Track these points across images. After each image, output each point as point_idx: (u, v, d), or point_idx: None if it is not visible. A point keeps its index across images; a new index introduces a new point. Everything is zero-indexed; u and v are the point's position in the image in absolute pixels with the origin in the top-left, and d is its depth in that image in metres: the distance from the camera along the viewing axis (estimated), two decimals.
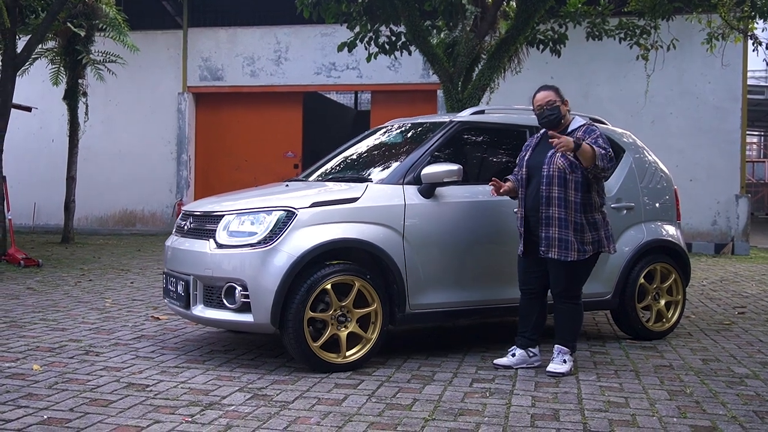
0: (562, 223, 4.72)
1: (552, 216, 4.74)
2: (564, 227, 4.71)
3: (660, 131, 15.01)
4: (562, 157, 4.71)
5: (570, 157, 4.69)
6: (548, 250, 4.76)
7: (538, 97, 4.93)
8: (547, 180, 4.73)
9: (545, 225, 4.75)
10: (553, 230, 4.73)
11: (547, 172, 4.74)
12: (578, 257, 4.74)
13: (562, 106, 4.88)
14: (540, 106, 4.90)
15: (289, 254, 4.62)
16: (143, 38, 16.29)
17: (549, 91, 4.91)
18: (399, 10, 10.05)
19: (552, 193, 4.73)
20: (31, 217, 17.03)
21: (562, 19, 11.82)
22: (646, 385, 4.55)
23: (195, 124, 17.06)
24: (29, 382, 4.35)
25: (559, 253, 4.73)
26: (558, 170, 4.71)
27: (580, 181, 4.72)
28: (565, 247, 4.72)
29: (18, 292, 7.77)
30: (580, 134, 4.77)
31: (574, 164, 4.70)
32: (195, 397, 4.14)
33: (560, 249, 4.73)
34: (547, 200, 4.74)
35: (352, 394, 4.26)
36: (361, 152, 5.93)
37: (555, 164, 4.72)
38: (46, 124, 16.98)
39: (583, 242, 4.74)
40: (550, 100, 4.86)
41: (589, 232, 4.77)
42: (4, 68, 10.73)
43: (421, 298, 5.04)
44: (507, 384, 4.54)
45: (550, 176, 4.73)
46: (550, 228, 4.74)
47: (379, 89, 16.44)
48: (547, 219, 4.74)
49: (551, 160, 4.75)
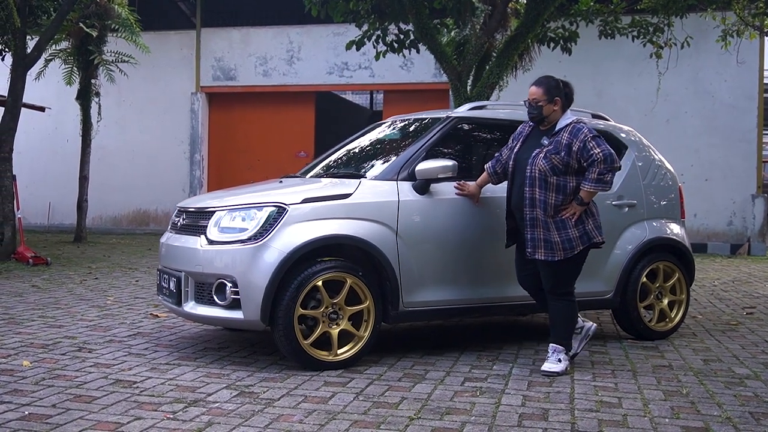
0: (545, 225, 4.66)
1: (536, 217, 4.68)
2: (547, 228, 4.65)
3: (675, 130, 14.83)
4: (544, 158, 4.64)
5: (554, 161, 4.62)
6: (534, 251, 4.69)
7: (530, 90, 4.84)
8: (530, 181, 4.67)
9: (530, 226, 4.69)
10: (538, 231, 4.67)
11: (530, 173, 4.68)
12: (565, 255, 4.66)
13: (548, 106, 4.76)
14: (527, 101, 4.83)
15: (279, 251, 4.58)
16: (157, 38, 16.38)
17: (539, 87, 4.79)
18: (407, 8, 9.99)
19: (534, 195, 4.67)
20: (45, 216, 17.15)
21: (572, 17, 11.71)
22: (642, 385, 4.46)
23: (208, 123, 17.10)
24: (17, 378, 4.33)
25: (545, 254, 4.66)
26: (539, 172, 4.65)
27: (564, 182, 4.65)
28: (550, 247, 4.65)
29: (22, 290, 7.80)
30: (566, 136, 4.67)
31: (556, 167, 4.64)
32: (180, 394, 4.10)
33: (546, 250, 4.66)
34: (530, 201, 4.68)
35: (340, 392, 4.20)
36: (359, 148, 5.88)
37: (537, 165, 4.66)
38: (60, 124, 17.10)
39: (569, 239, 4.66)
40: (535, 98, 4.77)
41: (573, 227, 4.67)
42: (15, 68, 10.80)
43: (415, 295, 4.97)
44: (500, 383, 4.46)
45: (532, 178, 4.67)
46: (535, 229, 4.68)
47: (391, 89, 16.40)
48: (532, 220, 4.68)
49: (534, 161, 4.68)
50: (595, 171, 4.58)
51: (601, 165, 4.57)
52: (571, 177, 4.67)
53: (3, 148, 10.54)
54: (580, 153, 4.60)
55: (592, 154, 4.58)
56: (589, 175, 4.60)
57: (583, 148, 4.60)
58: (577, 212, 4.67)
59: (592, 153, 4.58)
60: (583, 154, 4.60)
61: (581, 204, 4.67)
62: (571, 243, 4.67)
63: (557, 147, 4.65)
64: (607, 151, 4.60)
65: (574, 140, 4.63)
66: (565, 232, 4.66)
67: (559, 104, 4.78)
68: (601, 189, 4.66)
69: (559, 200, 4.66)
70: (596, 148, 4.59)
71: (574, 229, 4.68)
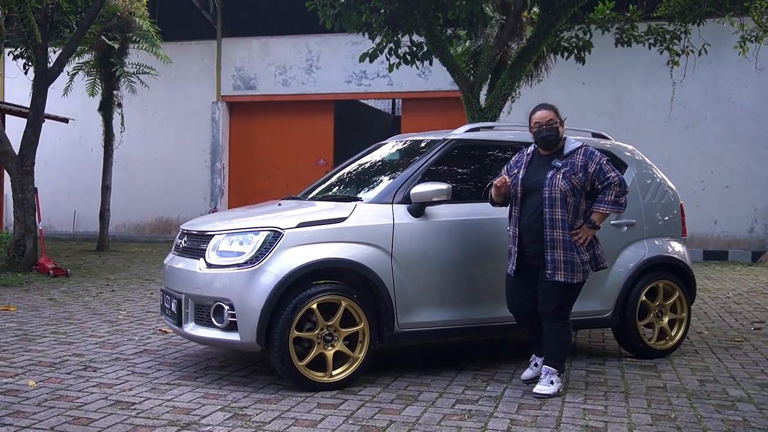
0: (567, 245, 4.70)
1: (556, 238, 4.71)
2: (569, 249, 4.70)
3: (694, 137, 14.73)
4: (563, 179, 4.70)
5: (573, 181, 4.69)
6: (555, 273, 4.72)
7: (537, 115, 4.88)
8: (550, 202, 4.71)
9: (551, 248, 4.72)
10: (559, 252, 4.70)
11: (549, 194, 4.72)
12: (582, 278, 4.75)
13: (561, 128, 4.86)
14: (539, 124, 4.85)
15: (274, 274, 4.69)
16: (178, 49, 16.64)
17: (549, 110, 4.86)
18: (418, 21, 10.07)
19: (555, 215, 4.71)
20: (71, 224, 17.49)
21: (586, 25, 11.69)
22: (631, 408, 4.49)
23: (229, 132, 17.33)
24: (21, 398, 4.49)
25: (565, 276, 4.71)
26: (560, 192, 4.70)
27: (578, 204, 4.74)
28: (571, 269, 4.71)
29: (39, 303, 8.01)
30: (580, 158, 4.75)
31: (575, 188, 4.71)
32: (176, 416, 4.22)
33: (566, 271, 4.71)
34: (551, 222, 4.71)
35: (331, 414, 4.29)
36: (358, 170, 5.97)
37: (557, 186, 4.70)
38: (85, 134, 17.44)
39: (583, 262, 4.75)
40: (550, 119, 4.82)
41: (586, 252, 4.76)
42: (36, 82, 11.05)
43: (410, 317, 5.05)
44: (490, 405, 4.52)
45: (552, 198, 4.71)
46: (556, 250, 4.71)
47: (409, 97, 16.50)
48: (552, 241, 4.71)
49: (552, 181, 4.72)
50: (612, 193, 4.68)
51: (617, 188, 4.68)
52: (582, 199, 4.75)
53: (25, 161, 10.79)
54: (596, 175, 4.70)
55: (609, 177, 4.68)
56: (605, 198, 4.69)
57: (599, 170, 4.69)
58: (589, 237, 4.75)
59: (609, 176, 4.68)
60: (599, 177, 4.69)
61: (593, 227, 4.74)
62: (585, 267, 4.76)
63: (573, 168, 4.72)
64: (620, 174, 4.75)
65: (589, 162, 4.72)
66: (584, 255, 4.75)
67: (564, 126, 4.88)
68: (616, 211, 4.78)
69: (574, 222, 4.73)
70: (611, 172, 4.71)
71: (586, 253, 4.77)
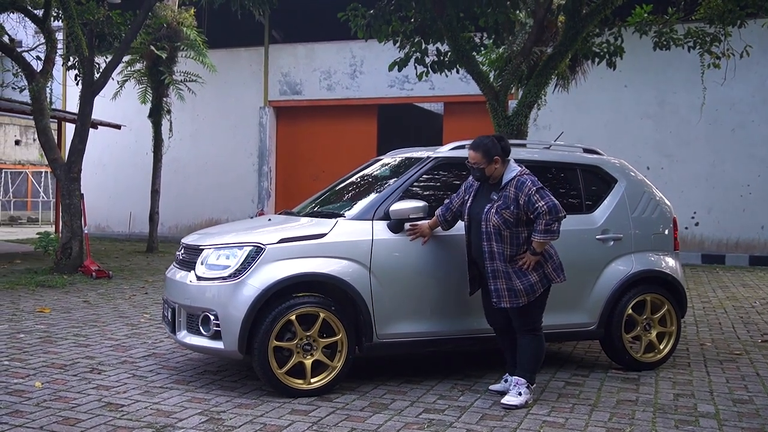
0: (506, 275, 4.92)
1: (496, 269, 4.94)
2: (509, 278, 4.91)
3: (741, 139, 14.44)
4: (495, 214, 4.90)
5: (505, 215, 4.87)
6: (500, 300, 4.95)
7: (468, 154, 5.11)
8: (486, 236, 4.94)
9: (492, 278, 4.96)
10: (500, 282, 4.93)
11: (486, 228, 4.95)
12: (528, 300, 4.91)
13: (489, 167, 5.01)
14: (470, 163, 5.10)
15: (255, 287, 5.00)
16: (227, 55, 17.21)
17: (477, 152, 5.03)
18: (443, 30, 10.26)
19: (492, 248, 4.94)
20: (127, 225, 18.28)
21: (618, 30, 11.62)
22: (591, 422, 4.63)
23: (275, 136, 17.82)
24: (24, 399, 4.91)
25: (510, 302, 4.93)
26: (494, 227, 4.92)
27: (517, 234, 4.92)
28: (515, 295, 4.91)
29: (73, 306, 8.54)
30: (512, 190, 4.91)
31: (507, 221, 4.90)
32: (156, 419, 4.56)
33: (510, 297, 4.92)
34: (489, 254, 4.95)
35: (299, 421, 4.57)
36: (347, 186, 6.24)
37: (491, 221, 4.93)
38: (140, 139, 18.17)
39: (531, 284, 4.91)
40: (476, 162, 5.04)
41: (532, 273, 4.91)
42: (83, 93, 11.67)
43: (389, 328, 5.29)
44: (454, 415, 4.72)
45: (488, 233, 4.94)
46: (497, 280, 4.94)
47: (451, 100, 16.66)
48: (493, 272, 4.95)
49: (488, 216, 4.94)
50: (542, 223, 4.83)
51: (546, 216, 4.81)
52: (522, 228, 4.94)
53: (72, 168, 11.42)
54: (526, 206, 4.86)
55: (537, 207, 4.82)
56: (537, 227, 4.85)
57: (528, 202, 4.85)
58: (532, 262, 4.92)
59: (537, 206, 4.82)
60: (529, 207, 4.86)
61: (534, 254, 4.91)
62: (533, 287, 4.93)
63: (506, 201, 4.92)
64: (551, 202, 4.83)
65: (519, 194, 4.89)
66: (526, 279, 4.91)
67: (499, 161, 5.03)
68: (550, 239, 4.89)
69: (514, 251, 4.94)
70: (540, 201, 4.83)
71: (534, 274, 4.93)
